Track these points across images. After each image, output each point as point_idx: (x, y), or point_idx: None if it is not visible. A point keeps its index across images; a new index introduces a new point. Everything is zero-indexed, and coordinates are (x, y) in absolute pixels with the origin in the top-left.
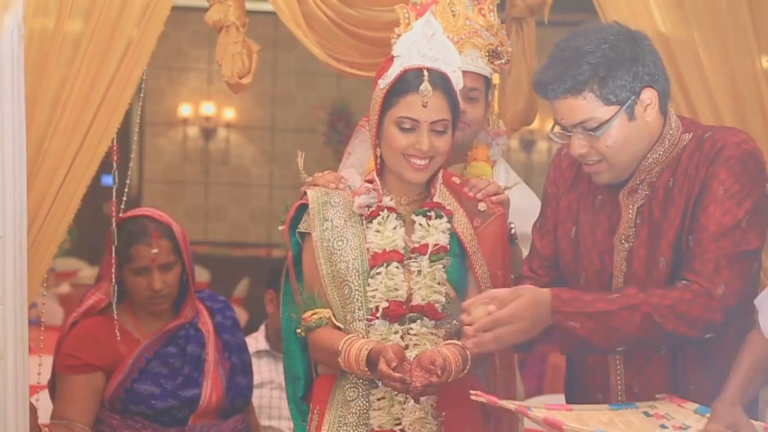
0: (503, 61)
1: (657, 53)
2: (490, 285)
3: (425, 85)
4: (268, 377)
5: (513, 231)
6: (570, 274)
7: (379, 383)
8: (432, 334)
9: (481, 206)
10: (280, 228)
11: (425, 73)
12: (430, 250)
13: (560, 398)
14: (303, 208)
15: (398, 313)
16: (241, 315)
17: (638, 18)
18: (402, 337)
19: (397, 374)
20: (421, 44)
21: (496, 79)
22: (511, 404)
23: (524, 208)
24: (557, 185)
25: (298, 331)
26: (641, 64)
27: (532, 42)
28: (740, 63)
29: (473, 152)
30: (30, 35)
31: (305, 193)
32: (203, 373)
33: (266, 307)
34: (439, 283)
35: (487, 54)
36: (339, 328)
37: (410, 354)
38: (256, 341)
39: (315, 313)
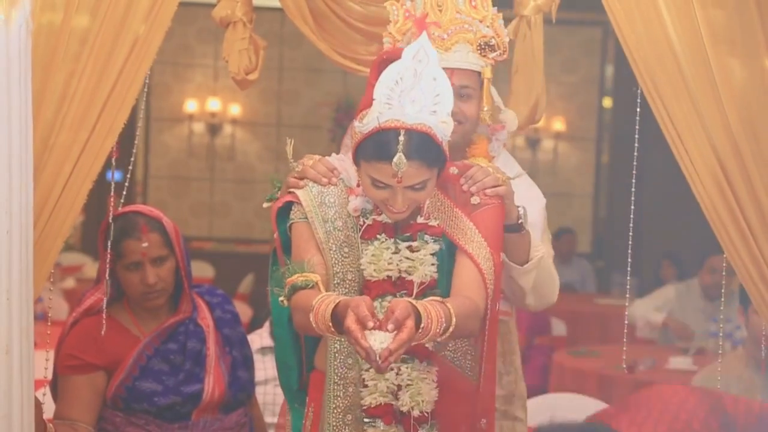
0: (498, 53)
1: None
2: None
3: (399, 158)
4: (273, 374)
5: (521, 213)
6: None
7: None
8: (425, 374)
9: (474, 200)
10: (264, 205)
11: (401, 139)
12: (415, 291)
13: (564, 397)
14: (291, 201)
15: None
16: (246, 311)
17: (646, 19)
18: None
19: (364, 343)
20: (406, 88)
21: (487, 72)
22: None
23: (527, 197)
24: None
25: (281, 299)
26: None
27: (540, 40)
28: (750, 69)
29: (472, 148)
30: (37, 30)
31: (290, 191)
32: (205, 369)
33: None
34: None
35: (478, 48)
36: None
37: (403, 396)
38: (261, 338)
39: (302, 276)
